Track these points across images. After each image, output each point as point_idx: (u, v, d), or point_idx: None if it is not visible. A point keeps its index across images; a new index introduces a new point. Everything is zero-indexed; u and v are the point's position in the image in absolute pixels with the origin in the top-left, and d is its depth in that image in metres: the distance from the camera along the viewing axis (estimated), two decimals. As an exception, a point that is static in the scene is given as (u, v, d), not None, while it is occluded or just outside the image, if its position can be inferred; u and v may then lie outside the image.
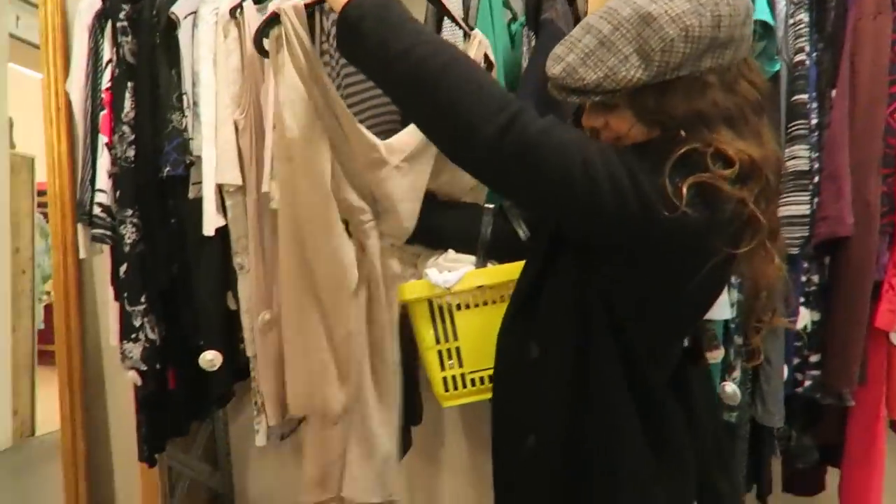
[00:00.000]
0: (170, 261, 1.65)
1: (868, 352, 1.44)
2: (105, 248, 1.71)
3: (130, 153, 1.62)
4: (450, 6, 1.45)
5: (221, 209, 1.59)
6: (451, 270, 1.25)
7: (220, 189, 1.58)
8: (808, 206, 1.39)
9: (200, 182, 1.58)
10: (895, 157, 1.38)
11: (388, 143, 1.24)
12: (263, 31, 1.18)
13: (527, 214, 1.27)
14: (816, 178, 1.40)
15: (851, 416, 1.48)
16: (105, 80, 1.65)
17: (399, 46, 0.86)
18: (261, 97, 1.55)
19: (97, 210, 1.64)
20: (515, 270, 1.11)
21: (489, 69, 1.42)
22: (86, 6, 1.72)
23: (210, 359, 1.63)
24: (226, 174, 1.55)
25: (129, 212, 1.62)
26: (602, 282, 0.89)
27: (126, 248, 1.62)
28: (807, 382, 1.47)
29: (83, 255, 1.83)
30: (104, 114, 1.65)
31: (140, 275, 1.63)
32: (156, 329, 1.66)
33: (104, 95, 1.65)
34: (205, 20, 1.58)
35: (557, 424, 0.94)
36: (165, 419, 1.79)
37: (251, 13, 1.48)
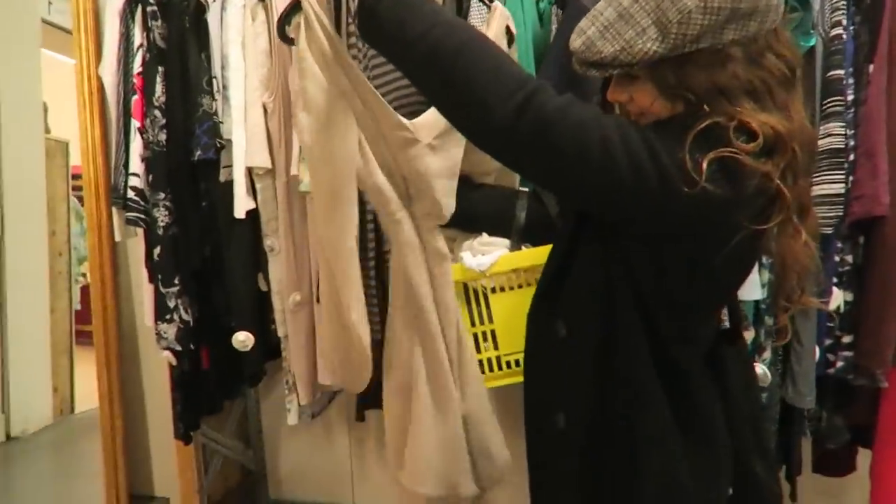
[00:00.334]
0: (202, 243, 1.68)
1: (902, 333, 1.41)
2: (139, 231, 1.74)
3: (162, 137, 1.64)
4: (476, -17, 1.43)
5: (251, 192, 1.62)
6: (486, 254, 1.25)
7: (250, 172, 1.61)
8: (843, 185, 1.37)
9: (231, 165, 1.60)
10: (934, 135, 1.35)
11: (415, 123, 1.24)
12: (286, 19, 1.18)
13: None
14: (851, 156, 1.37)
15: (884, 397, 1.46)
16: (136, 65, 1.67)
17: (416, 27, 0.86)
18: (289, 80, 1.56)
19: (131, 194, 1.67)
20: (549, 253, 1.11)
21: (510, 41, 1.41)
22: (116, -9, 1.74)
23: (242, 339, 1.66)
24: (255, 157, 1.57)
25: (162, 195, 1.64)
26: (627, 259, 0.89)
27: (159, 231, 1.65)
28: (839, 363, 1.45)
29: (118, 238, 1.87)
30: (136, 98, 1.67)
31: (173, 257, 1.66)
32: (189, 310, 1.70)
33: (136, 80, 1.67)
34: (233, 3, 1.59)
35: (585, 403, 0.94)
36: (199, 398, 1.83)
37: (278, -5, 1.48)
